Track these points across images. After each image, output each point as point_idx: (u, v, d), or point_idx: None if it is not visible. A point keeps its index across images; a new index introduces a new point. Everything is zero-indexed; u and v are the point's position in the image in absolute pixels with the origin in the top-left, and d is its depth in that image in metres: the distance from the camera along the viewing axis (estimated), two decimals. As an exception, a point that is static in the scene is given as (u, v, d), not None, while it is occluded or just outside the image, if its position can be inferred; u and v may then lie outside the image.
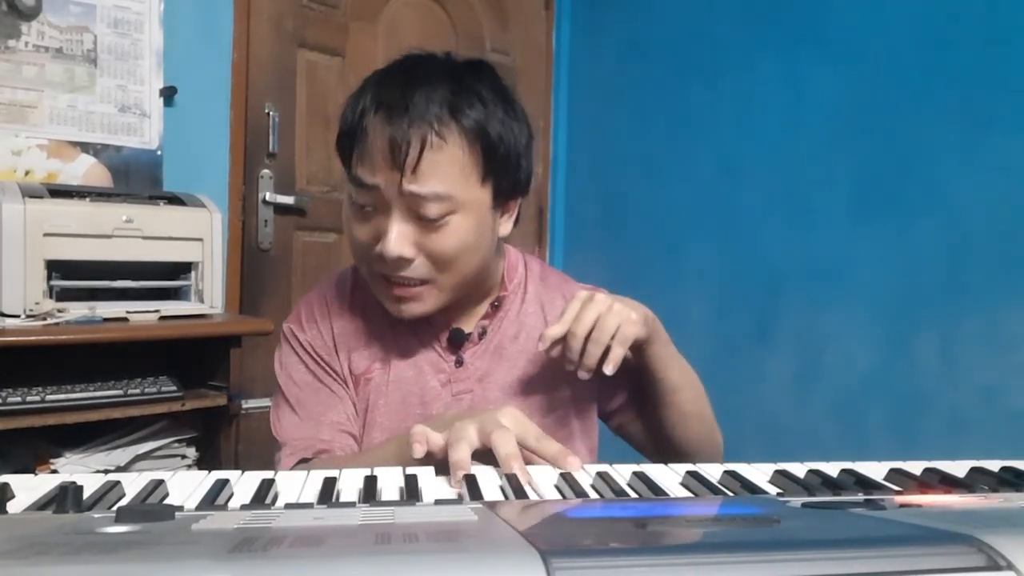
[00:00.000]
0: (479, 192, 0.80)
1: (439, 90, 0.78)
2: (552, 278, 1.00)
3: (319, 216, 2.20)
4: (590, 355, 0.80)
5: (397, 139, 0.76)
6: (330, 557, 0.30)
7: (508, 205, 0.86)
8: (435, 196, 0.77)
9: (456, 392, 0.90)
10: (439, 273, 0.81)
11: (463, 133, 0.78)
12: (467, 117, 0.78)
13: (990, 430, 1.42)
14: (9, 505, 0.47)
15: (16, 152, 1.73)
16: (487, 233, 0.83)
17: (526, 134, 0.85)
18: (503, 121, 0.81)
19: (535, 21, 2.68)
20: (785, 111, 1.87)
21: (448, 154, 0.77)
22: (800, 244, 1.82)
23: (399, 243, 0.78)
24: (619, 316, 0.80)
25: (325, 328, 0.92)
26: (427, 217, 0.78)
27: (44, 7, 1.73)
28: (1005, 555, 0.31)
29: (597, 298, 0.81)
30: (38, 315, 1.40)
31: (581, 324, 0.79)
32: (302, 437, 0.86)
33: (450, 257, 0.80)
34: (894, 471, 0.59)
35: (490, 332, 0.92)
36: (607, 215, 2.48)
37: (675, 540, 0.36)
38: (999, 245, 1.43)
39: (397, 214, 0.78)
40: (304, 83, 2.15)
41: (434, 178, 0.77)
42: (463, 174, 0.78)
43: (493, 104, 0.80)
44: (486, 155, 0.79)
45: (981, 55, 1.46)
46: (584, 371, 0.81)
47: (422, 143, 0.76)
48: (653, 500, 0.52)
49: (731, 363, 1.93)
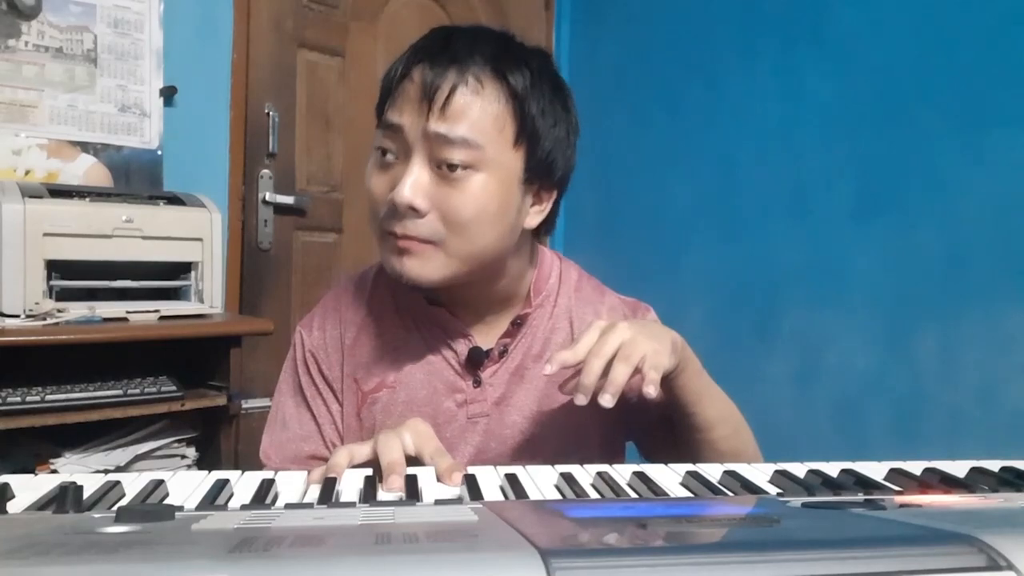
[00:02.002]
0: (510, 154, 0.74)
1: (487, 46, 0.74)
2: (587, 289, 0.91)
3: (319, 216, 2.20)
4: (617, 372, 0.67)
5: (431, 79, 0.72)
6: (330, 557, 0.30)
7: (541, 193, 0.80)
8: (461, 140, 0.71)
9: (471, 415, 0.84)
10: (449, 234, 0.74)
11: (503, 88, 0.73)
12: (510, 79, 0.73)
13: (990, 430, 1.42)
14: (9, 505, 0.47)
15: (16, 152, 1.73)
16: (511, 210, 0.76)
17: (569, 126, 0.80)
18: (548, 99, 0.76)
19: (535, 21, 2.68)
20: (785, 111, 1.87)
21: (483, 101, 0.72)
22: (800, 244, 1.82)
23: (413, 190, 0.72)
24: (646, 345, 0.69)
25: (333, 338, 0.87)
26: (450, 162, 0.71)
27: (44, 7, 1.73)
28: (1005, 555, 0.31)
29: (619, 326, 0.71)
30: (38, 315, 1.40)
31: (603, 347, 0.69)
32: (276, 456, 0.85)
33: (465, 219, 0.73)
34: (894, 471, 0.59)
35: (511, 350, 0.85)
36: (607, 215, 2.48)
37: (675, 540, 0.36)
38: (999, 245, 1.43)
39: (417, 159, 0.73)
40: (304, 83, 2.15)
41: (464, 121, 0.71)
42: (495, 125, 0.73)
43: (539, 78, 0.76)
44: (522, 123, 0.74)
45: (981, 55, 1.46)
46: (609, 395, 0.67)
47: (456, 83, 0.72)
48: (653, 500, 0.52)
49: (731, 363, 1.93)
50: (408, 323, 0.86)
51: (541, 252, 0.90)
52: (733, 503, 0.50)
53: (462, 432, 0.83)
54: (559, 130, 0.78)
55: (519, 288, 0.86)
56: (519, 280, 0.85)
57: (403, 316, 0.86)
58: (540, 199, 0.80)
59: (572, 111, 0.81)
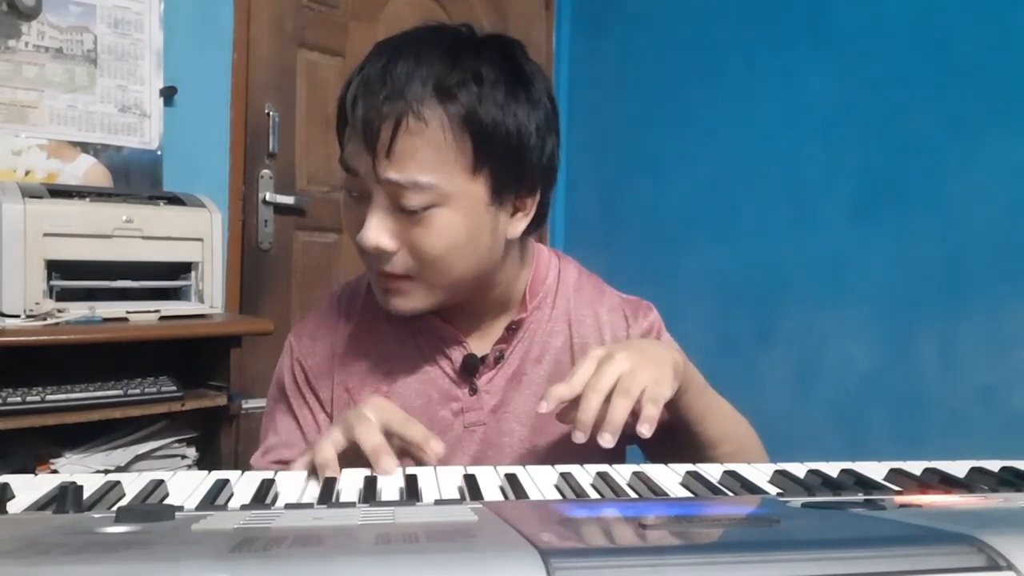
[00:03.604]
0: (470, 185, 0.70)
1: (427, 67, 0.69)
2: (587, 288, 0.88)
3: (319, 216, 2.20)
4: (616, 409, 0.64)
5: (370, 118, 0.68)
6: (330, 557, 0.30)
7: (520, 201, 0.76)
8: (413, 184, 0.68)
9: (468, 423, 0.81)
10: (423, 269, 0.73)
11: (448, 117, 0.68)
12: (455, 100, 0.68)
13: (990, 430, 1.42)
14: (9, 505, 0.47)
15: (16, 152, 1.73)
16: (484, 234, 0.73)
17: (539, 118, 0.73)
18: (503, 105, 0.70)
19: (535, 21, 2.68)
20: (785, 111, 1.87)
21: (428, 138, 0.68)
22: (800, 244, 1.82)
23: (377, 233, 0.70)
24: (646, 375, 0.66)
25: (324, 346, 0.85)
26: (408, 208, 0.69)
27: (44, 7, 1.73)
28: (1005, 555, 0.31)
29: (617, 356, 0.67)
30: (38, 315, 1.40)
31: (600, 381, 0.65)
32: (261, 462, 0.83)
33: (435, 255, 0.71)
34: (894, 471, 0.59)
35: (508, 356, 0.82)
36: (607, 215, 2.48)
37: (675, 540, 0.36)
38: (999, 245, 1.43)
39: (377, 201, 0.71)
40: (304, 83, 2.15)
41: (412, 164, 0.68)
42: (446, 163, 0.69)
43: (492, 85, 0.70)
44: (478, 143, 0.69)
45: (981, 55, 1.46)
46: (608, 434, 0.63)
47: (396, 123, 0.67)
48: (653, 500, 0.52)
49: (731, 363, 1.93)
50: (401, 331, 0.84)
51: (538, 251, 0.87)
52: (733, 503, 0.50)
53: (458, 441, 0.81)
54: (523, 130, 0.72)
55: (513, 292, 0.84)
56: (512, 285, 0.83)
57: (396, 324, 0.84)
58: (522, 205, 0.76)
59: (541, 95, 0.74)
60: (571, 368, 0.82)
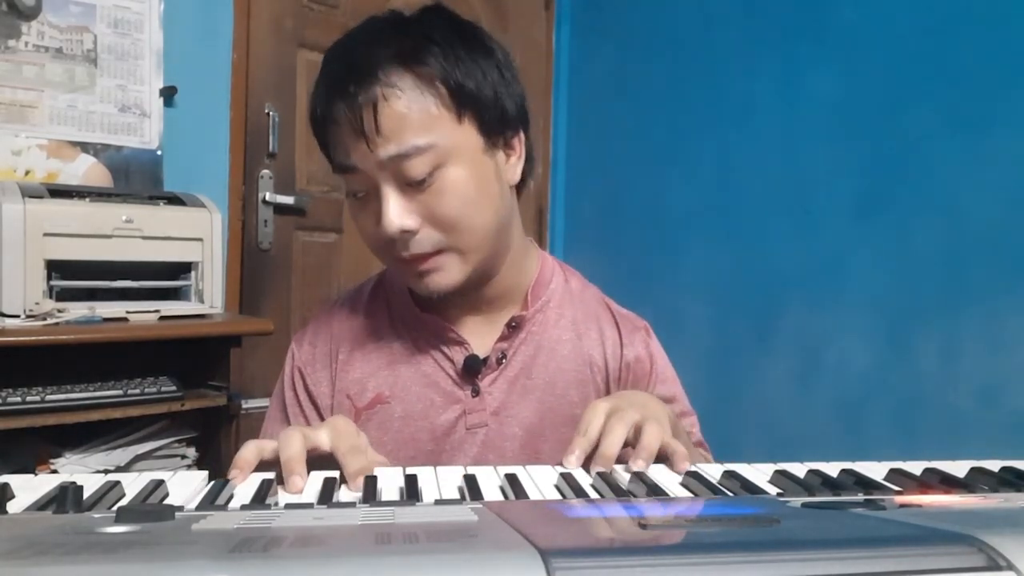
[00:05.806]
0: (461, 133, 0.73)
1: (382, 46, 0.72)
2: (591, 302, 0.89)
3: (319, 216, 2.20)
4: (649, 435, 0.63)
5: (349, 109, 0.71)
6: (330, 557, 0.30)
7: (508, 147, 0.78)
8: (413, 149, 0.70)
9: (470, 425, 0.81)
10: (450, 237, 0.73)
11: (419, 78, 0.71)
12: (420, 62, 0.71)
13: (990, 430, 1.42)
14: (9, 505, 0.47)
15: (16, 152, 1.73)
16: (490, 181, 0.75)
17: (497, 62, 0.76)
18: (464, 57, 0.73)
19: (535, 21, 2.68)
20: (785, 111, 1.87)
21: (409, 103, 0.70)
22: (800, 244, 1.82)
23: (397, 215, 0.71)
24: (655, 434, 0.63)
25: (324, 353, 0.85)
26: (415, 179, 0.71)
27: (44, 7, 1.73)
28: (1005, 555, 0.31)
29: (621, 414, 0.65)
30: (38, 315, 1.40)
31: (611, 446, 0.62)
32: None
33: (456, 217, 0.73)
34: (894, 471, 0.58)
35: (510, 357, 0.83)
36: (607, 215, 2.48)
37: (675, 540, 0.36)
38: (999, 245, 1.43)
39: (386, 187, 0.72)
40: (304, 83, 2.15)
41: (405, 131, 0.70)
42: (433, 118, 0.71)
43: (448, 45, 0.73)
44: (454, 93, 0.72)
45: (981, 54, 1.46)
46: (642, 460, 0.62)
47: (374, 102, 0.70)
48: (653, 500, 0.52)
49: (731, 363, 1.93)
50: (403, 334, 0.84)
51: (543, 257, 0.89)
52: (733, 503, 0.50)
53: (460, 443, 0.81)
54: (490, 74, 0.75)
55: (516, 285, 0.84)
56: (516, 276, 0.84)
57: (398, 328, 0.85)
58: (512, 149, 0.79)
59: (490, 44, 0.77)
60: (576, 379, 0.84)
